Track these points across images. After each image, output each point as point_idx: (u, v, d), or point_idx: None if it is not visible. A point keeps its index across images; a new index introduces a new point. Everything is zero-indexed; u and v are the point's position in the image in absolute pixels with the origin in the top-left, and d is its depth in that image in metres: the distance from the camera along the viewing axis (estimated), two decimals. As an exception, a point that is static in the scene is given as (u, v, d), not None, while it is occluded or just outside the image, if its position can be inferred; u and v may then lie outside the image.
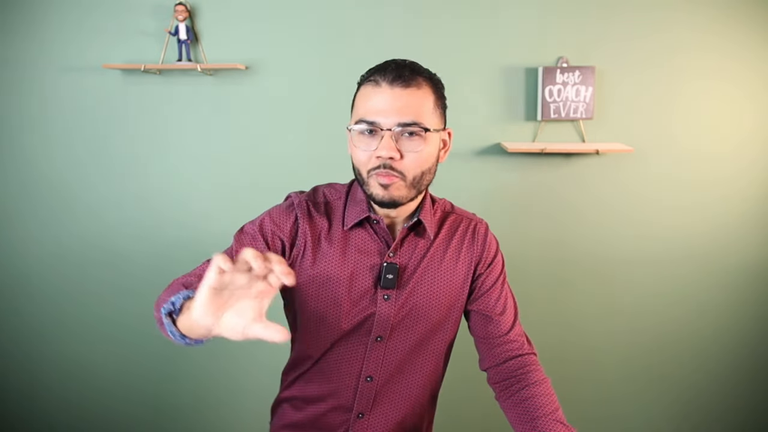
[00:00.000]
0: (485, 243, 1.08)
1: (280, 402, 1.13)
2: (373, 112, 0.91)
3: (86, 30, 1.92)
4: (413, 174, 0.93)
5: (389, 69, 0.92)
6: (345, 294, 0.99)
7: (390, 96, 0.90)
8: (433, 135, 0.94)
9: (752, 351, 2.02)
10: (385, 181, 0.91)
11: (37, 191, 1.99)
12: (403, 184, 0.92)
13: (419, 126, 0.90)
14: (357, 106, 0.95)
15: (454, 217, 1.09)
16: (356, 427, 1.05)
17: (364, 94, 0.93)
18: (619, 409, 2.06)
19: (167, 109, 1.96)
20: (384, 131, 0.90)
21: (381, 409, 1.05)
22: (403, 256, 1.01)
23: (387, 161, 0.90)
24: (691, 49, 1.89)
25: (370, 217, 0.99)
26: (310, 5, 1.90)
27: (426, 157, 0.93)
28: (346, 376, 1.04)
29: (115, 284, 2.03)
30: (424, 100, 0.92)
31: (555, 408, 0.99)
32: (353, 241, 1.00)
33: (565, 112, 1.87)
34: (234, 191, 1.98)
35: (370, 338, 1.02)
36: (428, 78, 0.95)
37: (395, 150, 0.90)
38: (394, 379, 1.05)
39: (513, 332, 1.06)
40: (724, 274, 1.98)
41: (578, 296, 2.01)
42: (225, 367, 2.06)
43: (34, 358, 2.07)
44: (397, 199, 0.93)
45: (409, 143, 0.91)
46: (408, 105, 0.90)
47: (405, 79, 0.90)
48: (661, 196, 1.95)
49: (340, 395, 1.05)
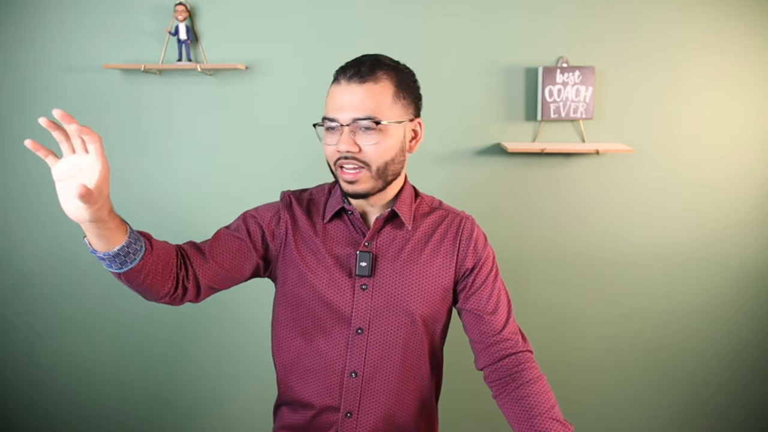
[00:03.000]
0: (471, 238, 1.08)
1: (279, 404, 1.15)
2: (333, 109, 0.97)
3: (86, 30, 1.92)
4: (377, 164, 0.97)
5: (350, 66, 0.98)
6: (323, 284, 1.03)
7: (346, 92, 0.96)
8: (394, 127, 0.98)
9: (753, 351, 2.02)
10: (350, 178, 0.98)
11: (36, 191, 1.99)
12: (369, 175, 0.98)
13: (372, 120, 0.95)
14: (326, 102, 1.01)
15: (440, 212, 1.11)
16: (345, 427, 1.05)
17: (329, 93, 1.00)
18: (620, 410, 2.06)
19: (167, 109, 1.96)
20: (343, 126, 0.95)
21: (368, 408, 1.05)
22: (380, 246, 1.05)
23: (347, 154, 0.96)
24: (691, 49, 1.89)
25: (344, 208, 1.05)
26: (310, 5, 1.90)
27: (386, 148, 0.98)
28: (330, 373, 1.05)
29: (115, 284, 2.01)
30: (380, 94, 0.96)
31: (551, 405, 0.99)
32: (331, 233, 1.06)
33: (565, 112, 1.87)
34: (234, 191, 1.98)
35: (350, 331, 1.03)
36: (390, 70, 0.99)
37: (353, 143, 0.95)
38: (379, 375, 1.05)
39: (506, 330, 1.06)
40: (724, 274, 1.98)
41: (578, 296, 2.01)
42: (227, 369, 2.07)
43: (34, 359, 2.07)
44: (362, 191, 0.99)
45: (366, 136, 0.96)
46: (362, 100, 0.95)
47: (361, 74, 0.96)
48: (661, 196, 1.95)
49: (326, 393, 1.05)
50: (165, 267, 0.93)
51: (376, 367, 1.04)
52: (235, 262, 1.04)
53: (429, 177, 1.93)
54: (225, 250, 1.03)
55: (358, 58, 0.99)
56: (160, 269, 0.92)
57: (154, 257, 0.89)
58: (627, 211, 1.96)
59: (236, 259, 1.04)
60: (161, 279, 0.93)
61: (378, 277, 1.04)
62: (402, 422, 1.08)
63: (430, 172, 1.94)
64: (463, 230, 1.08)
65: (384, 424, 1.06)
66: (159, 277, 0.92)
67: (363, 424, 1.05)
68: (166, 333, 2.04)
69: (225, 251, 1.03)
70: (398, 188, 1.06)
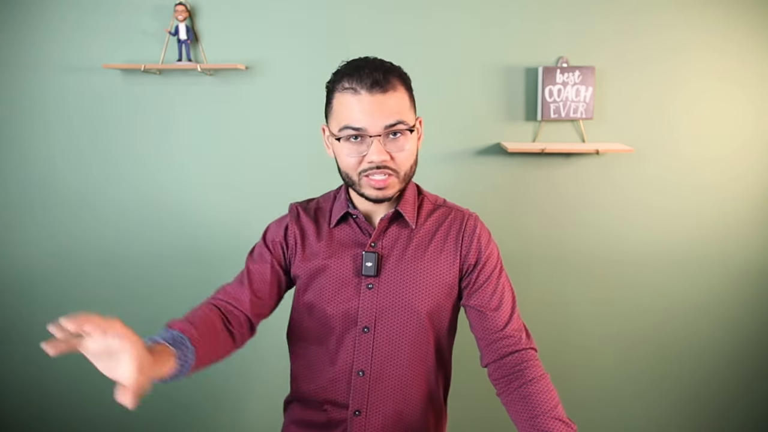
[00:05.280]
0: (474, 234, 1.09)
1: (290, 400, 1.17)
2: (357, 120, 0.96)
3: (86, 30, 1.92)
4: (404, 169, 1.01)
5: (364, 75, 0.95)
6: (330, 285, 1.06)
7: (371, 103, 0.95)
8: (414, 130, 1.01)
9: (753, 350, 2.02)
10: (382, 185, 0.99)
11: (36, 191, 1.99)
12: (397, 181, 1.00)
13: (404, 125, 0.97)
14: (338, 113, 0.99)
15: (444, 209, 1.12)
16: (355, 425, 1.06)
17: (343, 102, 0.98)
18: (620, 408, 2.06)
19: (167, 109, 1.96)
20: (372, 137, 0.96)
21: (377, 406, 1.06)
22: (385, 246, 1.06)
23: (380, 164, 0.97)
24: (692, 48, 1.89)
25: (349, 212, 1.07)
26: (310, 5, 1.90)
27: (412, 152, 1.01)
28: (338, 371, 1.06)
29: (115, 284, 2.03)
30: (401, 100, 0.98)
31: (555, 404, 0.99)
32: (338, 236, 1.08)
33: (565, 112, 1.87)
34: (234, 191, 1.98)
35: (357, 329, 1.05)
36: (399, 76, 1.00)
37: (385, 153, 0.96)
38: (387, 373, 1.06)
39: (510, 327, 1.06)
40: (724, 273, 1.98)
41: (578, 296, 2.01)
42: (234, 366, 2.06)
43: (33, 359, 2.07)
44: (390, 195, 1.01)
45: (395, 144, 0.98)
46: (390, 109, 0.96)
47: (381, 84, 0.95)
48: (661, 196, 1.95)
49: (334, 392, 1.07)
50: (218, 340, 0.98)
51: (382, 365, 1.05)
52: (273, 289, 1.10)
53: (429, 177, 1.92)
54: (261, 282, 1.08)
55: (366, 65, 0.97)
56: (215, 345, 0.97)
57: (204, 346, 0.93)
58: (627, 210, 1.96)
59: (273, 286, 1.10)
60: (221, 349, 0.99)
61: (384, 276, 1.05)
62: (410, 419, 1.09)
63: (430, 172, 1.94)
64: (466, 227, 1.09)
65: (393, 421, 1.07)
66: (219, 349, 0.98)
67: (372, 422, 1.06)
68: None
69: (261, 283, 1.08)
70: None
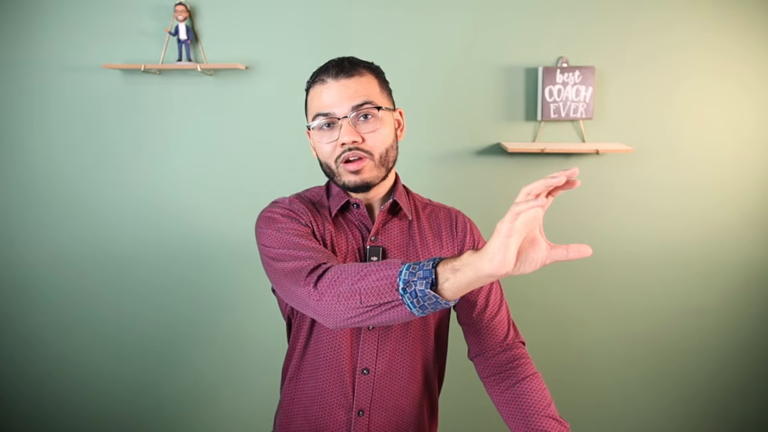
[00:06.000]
0: (466, 227, 1.11)
1: (283, 405, 1.13)
2: (326, 106, 0.97)
3: (86, 30, 1.92)
4: (379, 152, 0.99)
5: (330, 66, 0.99)
6: None
7: (337, 87, 0.97)
8: (386, 114, 1.01)
9: (751, 351, 2.02)
10: (355, 167, 0.97)
11: (37, 191, 1.99)
12: (373, 164, 0.99)
13: (371, 104, 0.97)
14: (310, 106, 1.02)
15: (431, 207, 1.14)
16: (357, 425, 1.05)
17: (313, 94, 1.01)
18: (619, 409, 2.06)
19: (167, 109, 1.96)
20: (341, 120, 0.96)
21: (379, 404, 1.05)
22: (386, 240, 1.05)
23: (351, 145, 0.96)
24: (692, 48, 1.89)
25: (349, 201, 1.04)
26: (310, 5, 1.90)
27: (385, 135, 1.00)
28: (341, 370, 1.04)
29: (116, 284, 2.03)
30: (369, 84, 0.99)
31: (547, 404, 0.99)
32: (338, 230, 1.05)
33: (565, 112, 1.87)
34: (234, 191, 1.98)
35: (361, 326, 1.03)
36: (367, 67, 1.02)
37: (356, 134, 0.96)
38: (391, 369, 1.05)
39: (498, 317, 1.08)
40: (723, 274, 1.98)
41: (577, 296, 2.01)
42: (225, 370, 2.07)
43: (33, 359, 2.07)
44: (369, 180, 0.99)
45: (365, 125, 0.97)
46: (356, 90, 0.97)
47: (347, 70, 0.98)
48: (661, 196, 1.95)
49: (338, 392, 1.05)
50: None
51: (388, 363, 1.05)
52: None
53: (429, 177, 1.94)
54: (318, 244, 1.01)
55: (333, 60, 1.01)
56: None
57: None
58: (626, 210, 1.96)
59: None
60: None
61: None
62: (408, 412, 1.09)
63: (430, 172, 1.94)
64: (457, 221, 1.12)
65: (393, 418, 1.07)
66: None
67: (374, 422, 1.05)
68: (166, 333, 2.04)
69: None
70: (392, 181, 1.09)
